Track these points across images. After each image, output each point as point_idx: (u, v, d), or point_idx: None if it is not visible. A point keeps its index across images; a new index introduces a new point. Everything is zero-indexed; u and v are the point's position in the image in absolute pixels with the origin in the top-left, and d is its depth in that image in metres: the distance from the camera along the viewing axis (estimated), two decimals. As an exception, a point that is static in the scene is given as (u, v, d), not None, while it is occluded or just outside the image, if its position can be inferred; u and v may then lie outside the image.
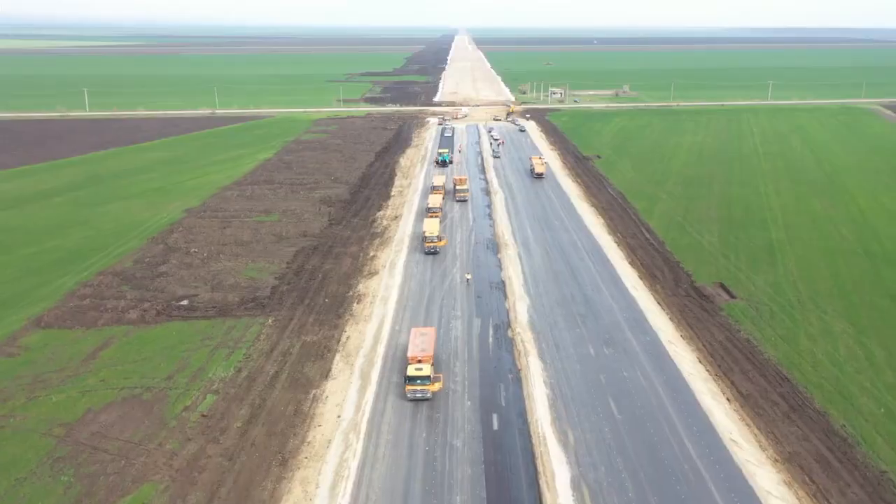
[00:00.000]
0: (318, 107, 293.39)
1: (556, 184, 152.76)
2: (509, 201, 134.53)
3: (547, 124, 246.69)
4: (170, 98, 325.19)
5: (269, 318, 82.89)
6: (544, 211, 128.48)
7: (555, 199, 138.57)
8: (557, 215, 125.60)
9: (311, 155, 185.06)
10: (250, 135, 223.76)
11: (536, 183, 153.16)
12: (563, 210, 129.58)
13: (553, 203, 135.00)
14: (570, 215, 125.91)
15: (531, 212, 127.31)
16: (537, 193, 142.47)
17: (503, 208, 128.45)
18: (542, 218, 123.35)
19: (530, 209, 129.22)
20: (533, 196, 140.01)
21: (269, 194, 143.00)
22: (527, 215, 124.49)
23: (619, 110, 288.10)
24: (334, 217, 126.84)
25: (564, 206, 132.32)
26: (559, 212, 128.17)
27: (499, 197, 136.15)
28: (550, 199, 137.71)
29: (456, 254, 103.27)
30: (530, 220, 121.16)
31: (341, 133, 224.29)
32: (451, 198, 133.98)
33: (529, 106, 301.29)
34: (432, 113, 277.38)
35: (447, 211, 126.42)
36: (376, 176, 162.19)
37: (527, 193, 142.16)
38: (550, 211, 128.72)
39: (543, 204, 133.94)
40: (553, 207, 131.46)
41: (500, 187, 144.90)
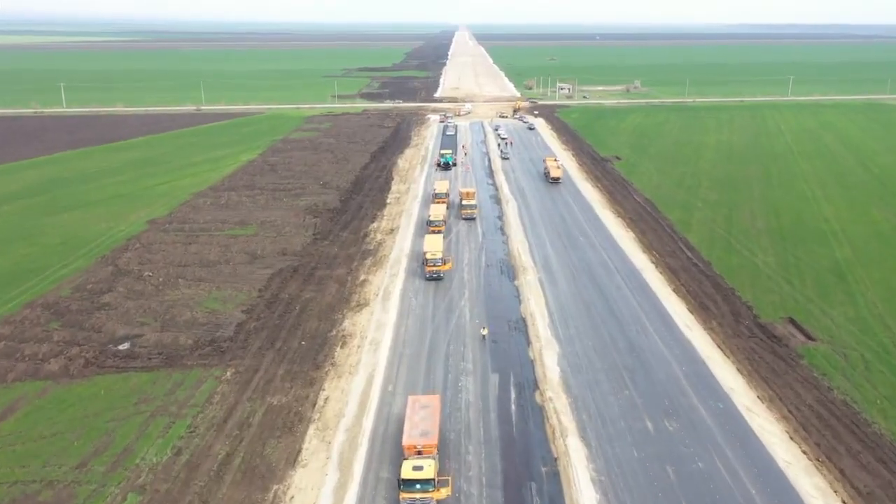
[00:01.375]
0: (311, 103, 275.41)
1: (575, 189, 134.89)
2: (523, 211, 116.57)
3: (557, 121, 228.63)
4: (154, 94, 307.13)
5: (227, 370, 65.16)
6: (564, 223, 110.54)
7: (575, 207, 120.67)
8: (580, 228, 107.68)
9: (299, 156, 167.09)
10: (235, 133, 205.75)
11: (552, 188, 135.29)
12: (587, 222, 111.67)
13: (573, 213, 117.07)
14: (594, 228, 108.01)
15: (550, 224, 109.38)
16: (554, 201, 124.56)
17: (517, 220, 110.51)
18: (563, 232, 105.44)
19: (548, 221, 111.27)
20: (550, 204, 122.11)
21: (247, 202, 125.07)
22: (545, 229, 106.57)
23: (632, 107, 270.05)
24: (320, 230, 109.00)
25: (587, 217, 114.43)
26: (582, 224, 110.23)
27: (511, 206, 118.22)
28: (570, 209, 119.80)
29: (463, 280, 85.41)
30: (550, 235, 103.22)
31: (334, 131, 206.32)
32: (455, 211, 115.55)
33: (537, 102, 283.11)
34: (433, 110, 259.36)
35: (452, 224, 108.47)
36: (371, 180, 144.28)
37: (542, 201, 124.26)
38: (572, 223, 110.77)
39: (563, 214, 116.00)
40: (574, 218, 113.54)
41: (511, 194, 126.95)
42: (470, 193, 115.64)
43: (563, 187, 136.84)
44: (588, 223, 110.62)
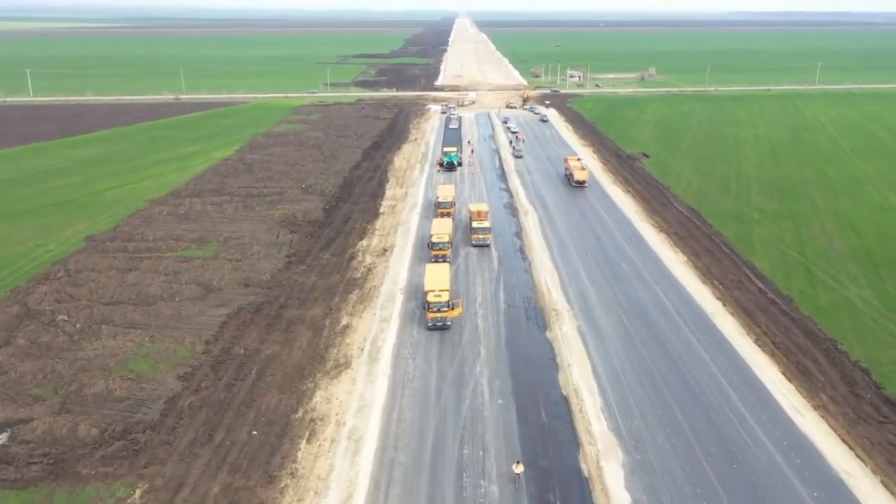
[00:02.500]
0: (302, 91, 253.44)
1: (603, 195, 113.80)
2: (546, 225, 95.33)
3: (570, 113, 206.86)
4: (131, 81, 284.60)
5: (137, 487, 44.37)
6: (599, 242, 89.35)
7: (608, 220, 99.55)
8: (619, 249, 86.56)
9: (281, 153, 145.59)
10: (213, 125, 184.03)
11: (576, 195, 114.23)
12: (626, 240, 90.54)
13: (607, 227, 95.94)
14: (636, 248, 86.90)
15: (582, 244, 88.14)
16: (582, 212, 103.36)
17: (540, 238, 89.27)
18: (599, 255, 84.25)
19: (579, 239, 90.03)
20: (577, 216, 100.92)
21: (212, 212, 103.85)
22: (577, 250, 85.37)
23: (650, 96, 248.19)
24: (296, 250, 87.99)
25: (625, 233, 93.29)
26: (620, 243, 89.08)
27: (531, 219, 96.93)
28: (602, 221, 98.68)
29: (477, 330, 64.32)
30: (584, 260, 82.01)
31: (324, 123, 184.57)
32: (463, 230, 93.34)
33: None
34: (434, 99, 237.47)
35: (459, 244, 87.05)
36: (362, 183, 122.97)
37: (568, 212, 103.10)
38: (608, 242, 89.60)
39: (594, 229, 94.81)
40: (610, 235, 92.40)
41: (529, 203, 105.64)
42: (482, 213, 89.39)
43: (588, 192, 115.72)
44: (627, 242, 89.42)
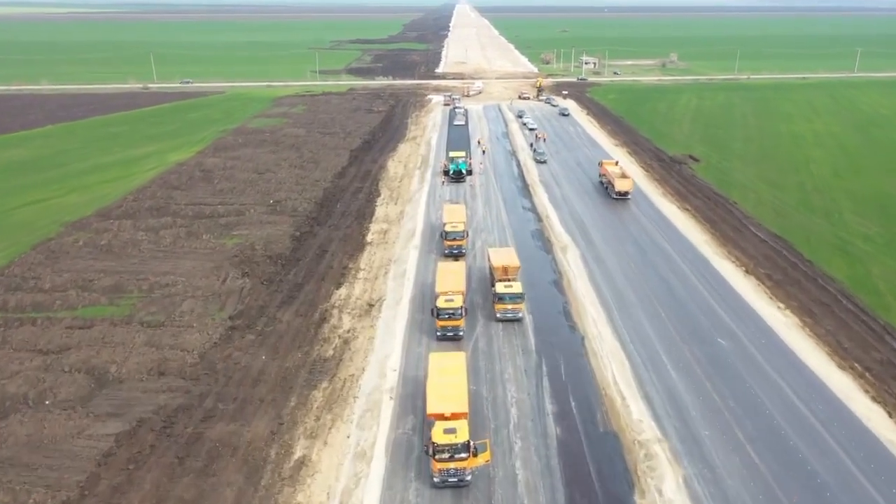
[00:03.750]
0: (287, 80, 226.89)
1: (656, 214, 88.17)
2: (594, 268, 69.13)
3: (592, 104, 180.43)
4: (96, 68, 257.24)
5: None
6: (672, 294, 63.34)
7: (673, 253, 73.67)
8: (704, 307, 60.59)
9: (250, 155, 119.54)
10: (178, 120, 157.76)
11: (621, 212, 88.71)
12: (706, 287, 64.73)
13: (676, 267, 69.96)
14: (727, 305, 61.03)
15: (649, 299, 61.97)
16: (636, 241, 77.31)
17: (589, 291, 63.04)
18: (679, 319, 58.17)
19: (644, 290, 63.86)
20: (632, 249, 74.86)
21: (143, 242, 78.07)
22: (645, 312, 59.24)
23: (677, 85, 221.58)
24: (246, 305, 62.55)
25: (702, 277, 67.41)
26: (702, 295, 63.12)
27: (572, 257, 70.68)
28: (666, 257, 72.75)
29: (516, 485, 38.54)
30: (660, 331, 55.75)
31: (308, 117, 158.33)
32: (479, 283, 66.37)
33: (560, 79, 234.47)
34: (435, 88, 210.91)
35: (477, 312, 60.45)
36: (346, 197, 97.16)
37: (618, 242, 77.06)
38: (684, 293, 63.60)
39: (660, 271, 68.80)
40: (683, 281, 66.46)
41: (565, 230, 79.27)
42: (510, 269, 59.75)
43: (635, 208, 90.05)
44: (710, 291, 63.58)
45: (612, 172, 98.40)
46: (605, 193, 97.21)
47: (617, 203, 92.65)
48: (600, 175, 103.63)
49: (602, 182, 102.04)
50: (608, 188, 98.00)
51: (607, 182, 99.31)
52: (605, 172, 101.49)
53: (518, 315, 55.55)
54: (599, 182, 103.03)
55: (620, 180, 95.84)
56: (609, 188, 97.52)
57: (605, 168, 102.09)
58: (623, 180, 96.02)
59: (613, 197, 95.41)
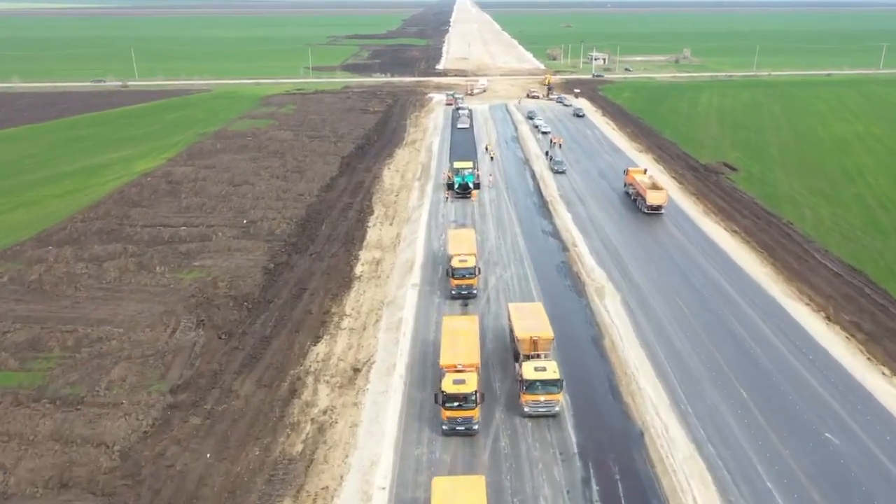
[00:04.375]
0: (278, 77, 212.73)
1: (699, 236, 74.37)
2: (640, 318, 54.36)
3: (606, 104, 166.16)
4: (75, 65, 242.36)
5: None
6: (745, 354, 48.96)
7: (733, 293, 59.32)
8: (795, 379, 46.00)
9: (228, 164, 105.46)
10: (154, 121, 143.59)
11: (659, 232, 74.84)
12: (783, 341, 50.60)
13: (741, 313, 55.51)
14: (827, 378, 46.52)
15: (717, 365, 47.23)
16: (687, 278, 62.80)
17: (639, 354, 48.22)
18: (764, 397, 43.66)
19: (708, 351, 49.15)
20: (682, 288, 60.29)
21: (83, 276, 64.17)
22: (716, 387, 44.47)
23: (695, 82, 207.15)
24: (197, 370, 48.63)
25: (776, 327, 53.15)
26: (782, 355, 48.82)
27: (612, 304, 55.81)
28: (727, 298, 58.33)
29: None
30: (745, 426, 40.88)
31: (297, 118, 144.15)
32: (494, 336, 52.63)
33: (569, 76, 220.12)
34: (436, 86, 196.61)
35: (492, 379, 46.30)
36: (333, 215, 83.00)
37: (663, 277, 62.55)
38: (760, 352, 49.11)
39: (723, 319, 54.35)
40: (753, 332, 52.06)
41: (599, 264, 64.11)
42: (541, 341, 43.84)
43: (676, 230, 75.98)
44: (797, 354, 49.33)
45: (642, 183, 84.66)
46: (635, 208, 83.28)
47: (653, 223, 78.61)
48: (626, 184, 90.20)
49: (628, 193, 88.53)
50: (637, 201, 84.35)
51: (635, 194, 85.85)
52: (632, 182, 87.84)
53: (554, 409, 40.83)
54: (625, 192, 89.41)
55: (653, 192, 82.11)
56: (639, 201, 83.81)
57: (631, 177, 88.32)
58: (656, 192, 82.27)
59: (645, 212, 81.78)
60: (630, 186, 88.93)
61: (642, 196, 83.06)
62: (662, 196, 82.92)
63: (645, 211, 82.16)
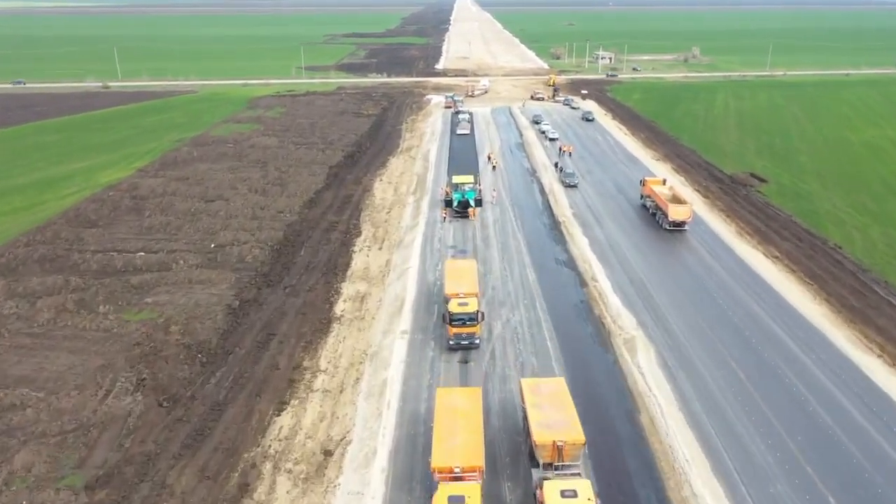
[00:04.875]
0: (270, 77, 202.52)
1: (740, 266, 63.99)
2: (682, 380, 43.79)
3: (616, 106, 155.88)
4: (52, 65, 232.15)
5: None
6: (832, 448, 38.58)
7: (794, 347, 48.90)
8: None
9: (203, 174, 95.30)
10: (131, 126, 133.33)
11: (691, 260, 64.32)
12: (884, 431, 39.91)
13: (813, 379, 45.00)
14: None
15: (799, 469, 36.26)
16: (732, 323, 52.28)
17: (691, 443, 37.34)
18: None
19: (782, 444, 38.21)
20: (732, 340, 49.77)
21: (9, 317, 54.28)
22: (800, 496, 34.43)
23: (708, 83, 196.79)
24: (125, 451, 38.33)
25: (865, 403, 42.68)
26: (885, 454, 38.35)
27: (645, 359, 45.05)
28: (788, 354, 47.89)
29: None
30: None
31: (284, 122, 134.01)
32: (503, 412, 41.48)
33: (574, 76, 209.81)
34: (435, 87, 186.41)
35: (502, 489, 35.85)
36: (316, 237, 72.73)
37: (708, 325, 51.87)
38: (857, 449, 38.66)
39: (788, 389, 43.71)
40: (838, 414, 41.60)
41: (627, 307, 53.10)
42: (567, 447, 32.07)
43: (709, 257, 65.61)
44: (886, 432, 38.99)
45: (661, 195, 74.91)
46: (656, 224, 73.49)
47: (680, 245, 68.45)
48: (643, 196, 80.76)
49: (646, 206, 79.20)
50: (657, 215, 74.96)
51: (654, 207, 76.63)
52: (650, 193, 78.31)
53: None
54: (642, 205, 79.65)
55: (675, 207, 72.31)
56: (659, 215, 74.43)
57: (649, 188, 78.65)
58: (678, 207, 72.47)
59: (666, 228, 72.07)
60: (648, 199, 79.34)
61: (663, 211, 73.39)
62: (686, 210, 72.97)
63: (667, 227, 72.55)
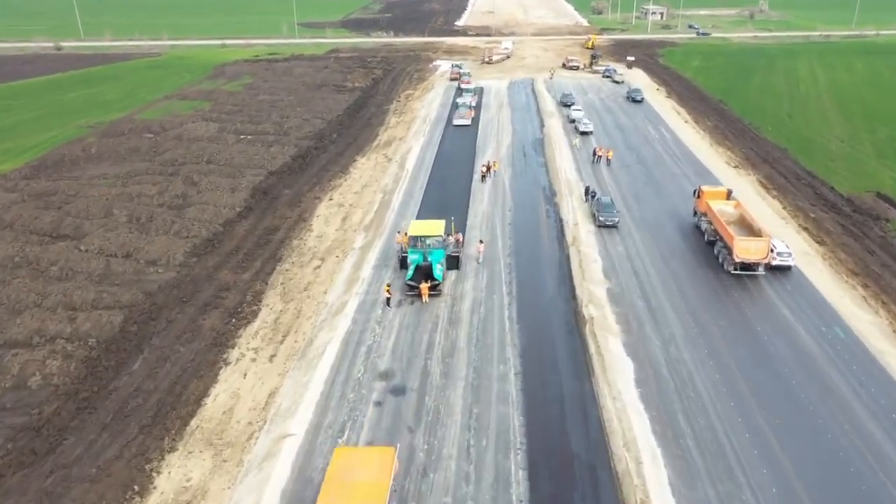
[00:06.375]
0: (258, 36, 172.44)
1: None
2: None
3: (671, 78, 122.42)
4: (18, 21, 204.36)
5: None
6: None
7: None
8: None
9: (79, 188, 67.02)
10: (44, 104, 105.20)
11: (832, 425, 32.99)
12: None
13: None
14: None
15: None
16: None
17: None
18: None
19: None
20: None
21: None
22: None
23: (783, 45, 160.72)
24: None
25: None
26: None
27: None
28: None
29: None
30: None
31: (242, 98, 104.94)
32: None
33: (619, 36, 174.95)
34: (448, 49, 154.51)
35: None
36: (176, 325, 43.66)
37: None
38: None
39: None
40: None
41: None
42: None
43: (862, 409, 34.09)
44: None
45: (722, 216, 46.75)
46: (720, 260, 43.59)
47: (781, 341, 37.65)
48: (696, 214, 54.22)
49: (700, 227, 52.26)
50: (717, 248, 48.70)
51: (711, 232, 50.16)
52: (705, 211, 51.91)
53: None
54: (695, 226, 50.87)
55: (745, 241, 44.83)
56: (719, 250, 47.88)
57: (704, 201, 52.11)
58: (750, 241, 44.57)
59: (731, 271, 44.90)
60: (702, 218, 52.05)
61: (726, 244, 45.89)
62: (761, 247, 45.27)
63: (731, 270, 45.51)
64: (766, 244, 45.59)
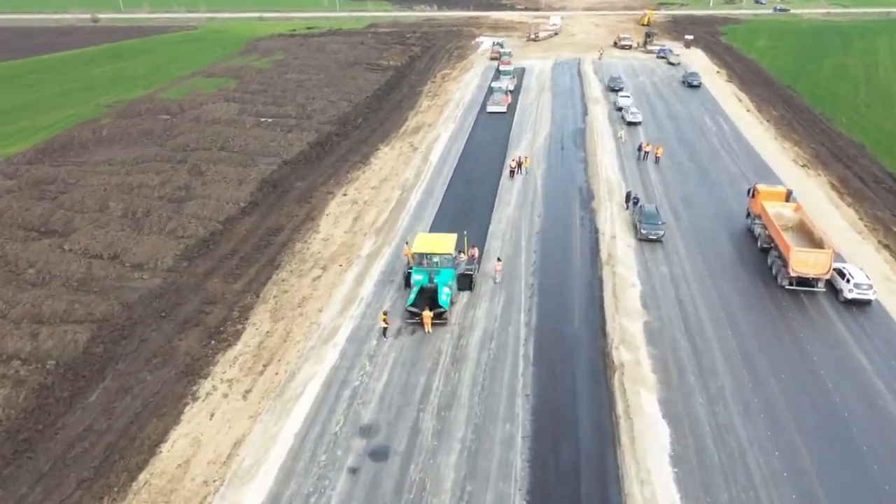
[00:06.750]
0: (298, 9, 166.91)
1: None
2: None
3: (733, 59, 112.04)
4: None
5: None
6: None
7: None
8: None
9: (78, 175, 62.82)
10: (73, 78, 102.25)
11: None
12: None
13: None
14: None
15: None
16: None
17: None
18: None
19: None
20: None
21: None
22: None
23: (858, 23, 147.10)
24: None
25: None
26: None
27: None
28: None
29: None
30: None
31: (269, 76, 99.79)
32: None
33: (677, 12, 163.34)
34: (493, 25, 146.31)
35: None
36: (150, 345, 38.68)
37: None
38: None
39: None
40: None
41: None
42: None
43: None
44: None
45: (780, 220, 41.20)
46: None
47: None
48: (750, 216, 47.73)
49: (754, 231, 45.49)
50: (770, 257, 42.11)
51: (765, 239, 43.43)
52: (760, 213, 45.09)
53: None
54: (748, 228, 44.66)
55: (802, 254, 38.02)
56: (773, 259, 41.37)
57: (759, 204, 45.34)
58: (807, 255, 38.25)
59: (785, 286, 38.46)
60: (757, 222, 45.22)
61: (781, 254, 39.51)
62: (822, 261, 38.27)
63: (785, 285, 39.08)
64: (827, 258, 38.29)
